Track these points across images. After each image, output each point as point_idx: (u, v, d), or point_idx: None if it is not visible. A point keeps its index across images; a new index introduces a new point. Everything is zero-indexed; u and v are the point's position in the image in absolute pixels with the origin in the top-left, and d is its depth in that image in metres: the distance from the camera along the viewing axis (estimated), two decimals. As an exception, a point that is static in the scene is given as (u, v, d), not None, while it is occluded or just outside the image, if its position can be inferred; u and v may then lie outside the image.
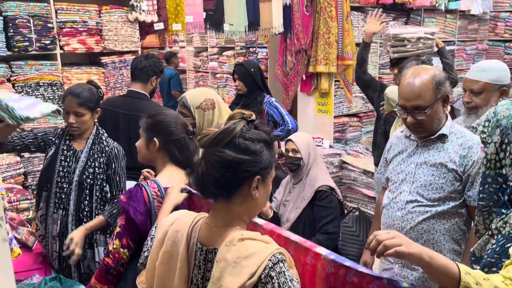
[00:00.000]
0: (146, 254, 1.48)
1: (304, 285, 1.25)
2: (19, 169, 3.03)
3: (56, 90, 3.32)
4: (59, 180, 2.23)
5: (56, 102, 3.34)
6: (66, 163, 2.25)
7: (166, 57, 6.83)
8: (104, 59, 3.59)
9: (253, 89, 3.48)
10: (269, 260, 1.03)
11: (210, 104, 2.18)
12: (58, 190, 2.23)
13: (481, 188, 1.35)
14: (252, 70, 3.49)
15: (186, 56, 8.24)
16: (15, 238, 2.27)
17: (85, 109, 2.21)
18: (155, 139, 1.73)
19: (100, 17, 3.48)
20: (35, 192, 3.09)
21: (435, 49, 3.53)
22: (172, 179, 1.70)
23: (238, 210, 1.15)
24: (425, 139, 1.87)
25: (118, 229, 1.63)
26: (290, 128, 3.51)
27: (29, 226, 2.64)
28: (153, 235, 1.50)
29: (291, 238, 1.30)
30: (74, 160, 2.25)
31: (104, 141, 2.32)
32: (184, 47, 8.34)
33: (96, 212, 2.23)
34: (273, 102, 3.56)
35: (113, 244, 1.62)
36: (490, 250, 1.24)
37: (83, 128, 2.27)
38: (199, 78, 7.99)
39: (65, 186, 2.23)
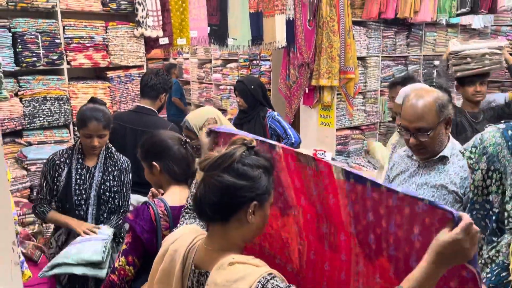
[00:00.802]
0: None
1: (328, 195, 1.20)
2: (25, 182, 3.07)
3: (62, 104, 3.38)
4: (76, 198, 2.28)
5: (62, 116, 3.40)
6: (82, 181, 2.30)
7: (166, 68, 6.92)
8: (110, 74, 3.65)
9: (254, 105, 3.51)
10: (258, 282, 1.05)
11: (213, 123, 2.20)
12: (76, 208, 2.28)
13: (469, 213, 1.37)
14: (252, 87, 3.50)
15: (190, 67, 8.32)
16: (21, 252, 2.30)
17: (107, 130, 2.28)
18: (153, 163, 1.79)
19: (106, 32, 3.55)
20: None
21: (504, 64, 3.27)
22: (179, 198, 1.74)
23: (234, 235, 1.16)
24: (426, 160, 1.88)
25: (124, 247, 1.66)
26: (293, 141, 3.55)
27: (34, 240, 2.67)
28: None
29: (300, 152, 1.26)
30: (88, 176, 2.31)
31: (114, 155, 2.40)
32: (188, 58, 8.42)
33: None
34: (275, 116, 3.60)
35: (119, 261, 1.64)
36: (485, 279, 1.25)
37: (102, 147, 2.35)
38: (203, 90, 8.06)
39: (82, 203, 2.29)
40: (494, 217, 1.29)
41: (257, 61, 6.55)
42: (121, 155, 2.44)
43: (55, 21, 3.31)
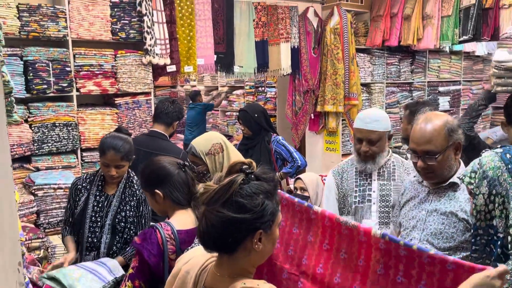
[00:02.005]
0: None
1: (360, 257, 1.29)
2: (32, 207, 3.09)
3: (71, 130, 3.44)
4: (91, 225, 2.27)
5: (70, 142, 3.45)
6: (98, 208, 2.29)
7: (191, 96, 7.06)
8: (118, 100, 3.72)
9: (259, 131, 3.54)
10: None
11: (219, 148, 2.19)
12: (90, 235, 2.26)
13: (473, 240, 1.35)
14: (256, 115, 3.53)
15: (197, 94, 8.43)
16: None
17: (126, 161, 2.27)
18: (156, 191, 1.79)
19: (115, 60, 3.64)
20: (46, 231, 3.15)
21: None
22: (184, 222, 1.75)
23: (243, 263, 1.15)
24: (436, 186, 1.84)
25: (131, 271, 1.65)
26: (299, 164, 3.56)
27: (40, 265, 2.67)
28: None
29: (341, 219, 1.36)
30: (106, 204, 2.30)
31: (135, 185, 2.37)
32: (195, 86, 8.55)
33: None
34: (280, 141, 3.62)
35: (125, 286, 1.63)
36: None
37: (122, 176, 2.33)
38: (209, 116, 8.14)
39: (97, 230, 2.27)
40: (498, 242, 1.27)
41: (263, 88, 6.64)
42: None
43: (66, 50, 3.41)
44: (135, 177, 2.43)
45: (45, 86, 3.31)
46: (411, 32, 4.75)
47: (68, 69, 3.40)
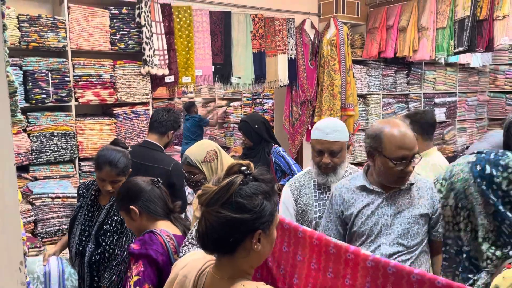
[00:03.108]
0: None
1: (345, 275, 1.28)
2: (29, 217, 3.08)
3: (69, 140, 3.44)
4: (81, 232, 2.24)
5: (68, 152, 3.45)
6: (89, 217, 2.26)
7: (186, 107, 7.07)
8: (116, 110, 3.73)
9: (259, 142, 3.50)
10: None
11: (214, 155, 2.18)
12: (78, 242, 2.24)
13: (443, 249, 1.34)
14: (256, 126, 3.48)
15: (195, 106, 8.47)
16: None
17: (122, 176, 2.20)
18: (131, 207, 1.78)
19: (114, 71, 3.66)
20: (43, 240, 3.13)
21: None
22: (173, 229, 1.77)
23: (242, 263, 1.15)
24: (392, 190, 1.86)
25: (136, 278, 1.60)
26: None
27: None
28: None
29: (332, 240, 1.35)
30: (96, 214, 2.26)
31: None
32: (192, 98, 8.58)
33: (102, 269, 2.18)
34: (280, 152, 3.58)
35: None
36: None
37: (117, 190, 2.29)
38: (206, 128, 8.16)
39: (83, 239, 2.24)
40: (465, 255, 1.25)
41: (260, 99, 6.68)
42: None
43: (65, 60, 3.43)
44: None
45: (44, 96, 3.32)
46: (406, 44, 4.82)
47: (67, 79, 3.42)
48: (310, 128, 5.17)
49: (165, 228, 1.76)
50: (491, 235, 1.20)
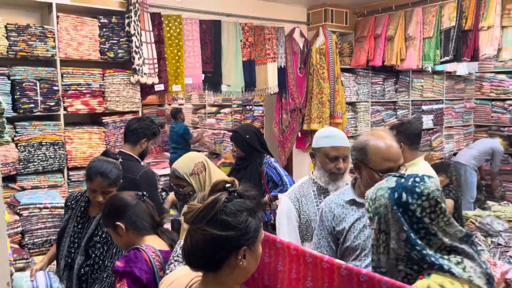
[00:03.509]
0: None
1: (323, 284, 1.30)
2: (16, 227, 3.05)
3: (58, 149, 3.42)
4: (69, 245, 2.23)
5: (57, 161, 3.43)
6: (78, 229, 2.25)
7: (172, 113, 7.08)
8: (106, 119, 3.72)
9: (251, 152, 3.44)
10: None
11: (202, 167, 2.20)
12: (67, 254, 2.23)
13: (372, 271, 1.34)
14: (248, 136, 3.43)
15: (185, 113, 8.47)
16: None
17: (113, 187, 2.20)
18: (117, 223, 1.79)
19: (103, 79, 3.65)
20: (31, 251, 3.11)
21: None
22: (160, 243, 1.77)
23: (227, 280, 1.16)
24: None
25: None
26: (288, 188, 3.52)
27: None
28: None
29: (307, 250, 1.37)
30: (86, 226, 2.25)
31: None
32: (182, 104, 8.58)
33: (91, 281, 2.17)
34: (272, 163, 3.52)
35: None
36: None
37: None
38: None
39: (72, 251, 2.23)
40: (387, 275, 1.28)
41: (250, 107, 6.70)
42: None
43: (54, 69, 3.42)
44: None
45: (32, 105, 3.30)
46: (394, 53, 4.88)
47: (55, 88, 3.41)
48: (299, 135, 5.20)
49: (152, 243, 1.76)
50: (404, 259, 1.25)
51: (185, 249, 1.15)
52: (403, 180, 1.30)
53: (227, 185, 1.16)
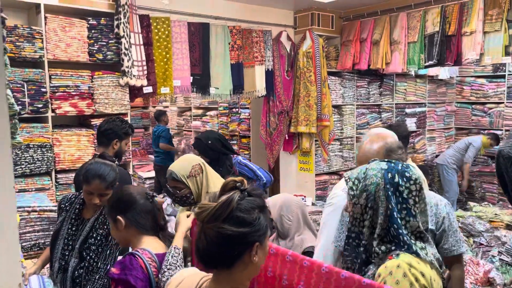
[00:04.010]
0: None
1: (299, 282, 1.36)
2: (4, 231, 3.00)
3: (45, 152, 3.38)
4: (63, 247, 2.20)
5: (44, 164, 3.38)
6: (72, 231, 2.23)
7: (156, 116, 7.03)
8: (94, 121, 3.69)
9: (217, 157, 3.37)
10: None
11: (199, 169, 2.21)
12: (61, 257, 2.20)
13: (346, 241, 1.49)
14: (210, 142, 3.37)
15: (170, 115, 8.43)
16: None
17: (110, 189, 2.19)
18: (118, 217, 1.76)
19: (92, 81, 3.62)
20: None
21: None
22: (157, 246, 1.74)
23: (240, 276, 1.19)
24: None
25: None
26: (264, 182, 3.52)
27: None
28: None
29: (288, 250, 1.42)
30: (80, 228, 2.23)
31: None
32: (167, 106, 8.54)
33: (84, 283, 2.16)
34: (241, 161, 3.54)
35: None
36: None
37: (104, 204, 2.23)
38: (182, 137, 8.13)
39: (67, 253, 2.20)
40: (362, 248, 1.44)
41: (237, 109, 6.72)
42: None
43: (42, 71, 3.37)
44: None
45: (20, 107, 3.25)
46: (379, 57, 4.97)
47: (43, 90, 3.37)
48: (287, 138, 5.25)
49: (149, 247, 1.73)
50: (382, 234, 1.40)
51: (199, 248, 1.16)
52: (393, 164, 1.45)
53: (238, 184, 1.19)
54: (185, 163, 2.19)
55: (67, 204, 2.32)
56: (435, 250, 1.47)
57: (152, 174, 6.89)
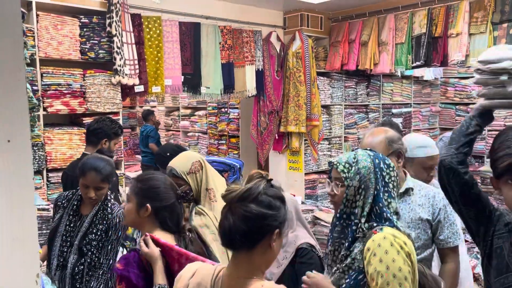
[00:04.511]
0: None
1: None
2: None
3: (37, 151, 3.35)
4: (61, 243, 2.21)
5: (36, 162, 3.35)
6: (70, 228, 2.23)
7: (143, 115, 6.99)
8: (86, 120, 3.67)
9: None
10: None
11: (199, 166, 2.22)
12: (59, 253, 2.20)
13: (337, 222, 1.59)
14: (168, 154, 3.23)
15: (157, 115, 8.40)
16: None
17: (106, 183, 2.22)
18: (148, 205, 1.74)
19: (84, 80, 3.61)
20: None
21: None
22: (165, 239, 1.73)
23: (258, 261, 1.25)
24: None
25: None
26: (238, 167, 3.52)
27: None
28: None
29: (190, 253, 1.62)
30: (78, 224, 2.24)
31: (108, 208, 2.29)
32: (155, 106, 8.51)
33: (87, 278, 2.18)
34: (207, 159, 3.53)
35: None
36: (344, 285, 1.49)
37: (101, 198, 2.27)
38: (170, 137, 8.11)
39: (65, 250, 2.21)
40: (354, 227, 1.54)
41: (226, 109, 6.74)
42: (117, 208, 2.31)
43: (33, 69, 3.34)
44: (111, 199, 2.36)
45: (11, 105, 3.22)
46: (368, 57, 5.06)
47: (35, 88, 3.33)
48: (276, 137, 5.30)
49: (158, 236, 1.76)
50: (369, 212, 1.55)
51: (223, 226, 1.24)
52: (374, 152, 1.63)
53: (264, 175, 1.29)
54: (185, 160, 2.21)
55: (64, 201, 2.32)
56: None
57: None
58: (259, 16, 5.02)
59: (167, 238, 1.77)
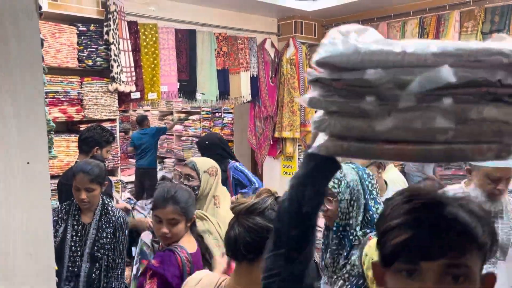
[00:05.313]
0: None
1: None
2: None
3: (35, 158, 3.37)
4: (71, 254, 2.25)
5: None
6: (77, 238, 2.28)
7: (138, 121, 7.00)
8: (83, 127, 3.69)
9: (213, 159, 3.50)
10: None
11: (214, 171, 2.36)
12: (70, 265, 2.24)
13: (334, 236, 1.68)
14: (207, 143, 3.54)
15: (151, 119, 8.41)
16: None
17: (96, 184, 2.28)
18: (195, 216, 1.92)
19: (81, 87, 3.64)
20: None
21: None
22: (192, 245, 1.85)
23: (259, 273, 1.29)
24: None
25: None
26: (257, 186, 3.62)
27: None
28: None
29: None
30: (84, 233, 2.29)
31: (110, 211, 2.38)
32: (148, 110, 8.52)
33: (105, 281, 2.27)
34: (237, 167, 3.60)
35: None
36: None
37: (94, 202, 2.32)
38: (164, 140, 8.13)
39: (77, 259, 2.25)
40: (351, 237, 1.64)
41: (220, 114, 6.79)
42: (117, 210, 2.42)
43: (31, 76, 3.37)
44: (110, 203, 2.44)
45: (9, 113, 3.24)
46: (360, 64, 5.14)
47: (33, 95, 3.36)
48: (272, 142, 5.36)
49: (188, 245, 1.83)
50: (362, 220, 1.64)
51: (230, 236, 1.29)
52: (355, 164, 1.74)
53: (272, 192, 1.35)
54: (207, 161, 2.40)
55: (63, 213, 2.35)
56: None
57: (132, 178, 6.87)
58: (254, 23, 5.08)
59: (190, 245, 1.87)
